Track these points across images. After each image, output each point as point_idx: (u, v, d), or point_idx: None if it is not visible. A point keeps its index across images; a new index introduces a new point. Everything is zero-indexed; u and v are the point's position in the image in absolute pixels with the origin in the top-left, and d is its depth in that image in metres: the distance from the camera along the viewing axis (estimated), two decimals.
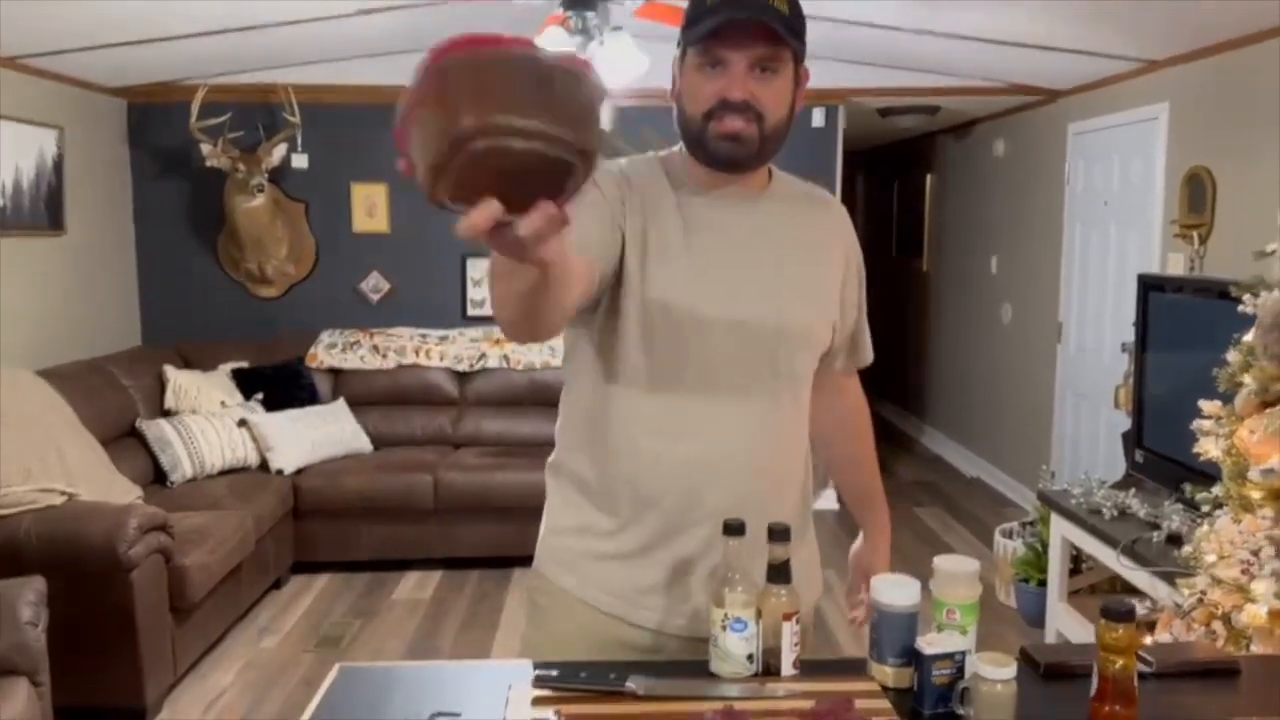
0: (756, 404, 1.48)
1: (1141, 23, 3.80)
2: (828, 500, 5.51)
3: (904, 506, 5.49)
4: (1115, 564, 3.09)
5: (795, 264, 1.51)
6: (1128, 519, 3.31)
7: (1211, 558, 1.98)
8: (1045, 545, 3.81)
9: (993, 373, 6.17)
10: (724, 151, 1.40)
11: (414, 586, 4.49)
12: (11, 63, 4.13)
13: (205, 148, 4.89)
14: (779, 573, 1.35)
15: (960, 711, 1.25)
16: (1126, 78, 4.53)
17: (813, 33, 1.44)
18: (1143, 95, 4.43)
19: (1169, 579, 2.56)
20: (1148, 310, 3.57)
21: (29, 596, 2.51)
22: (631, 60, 3.35)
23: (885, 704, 1.27)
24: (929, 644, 1.29)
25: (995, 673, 1.23)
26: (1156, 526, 3.12)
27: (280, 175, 5.20)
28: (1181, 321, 3.42)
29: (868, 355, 1.71)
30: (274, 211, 5.14)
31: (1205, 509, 2.17)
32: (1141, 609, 2.43)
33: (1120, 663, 1.27)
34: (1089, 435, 4.92)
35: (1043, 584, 3.81)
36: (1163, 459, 3.39)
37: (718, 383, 1.46)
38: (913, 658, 1.31)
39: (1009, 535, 4.18)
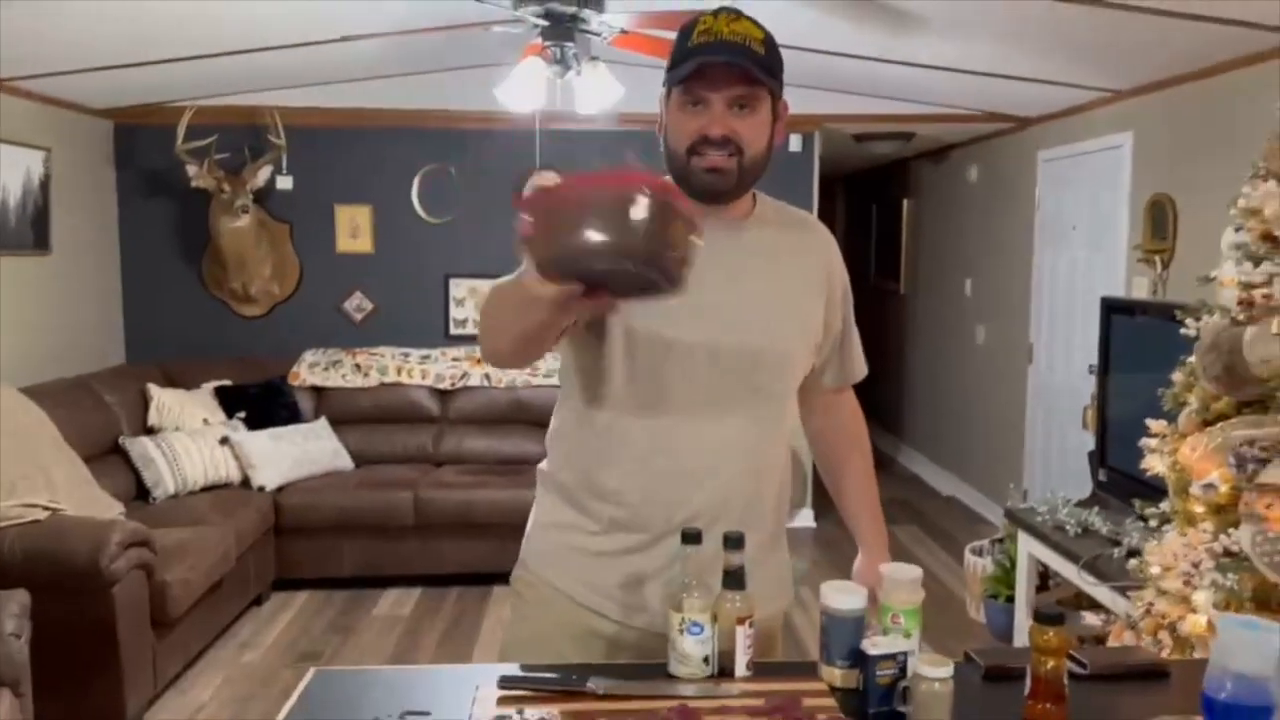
0: (736, 422, 1.56)
1: (1106, 54, 3.92)
2: (804, 519, 5.60)
3: None
4: (1077, 579, 3.18)
5: (777, 288, 1.59)
6: (1091, 536, 3.40)
7: (1157, 570, 2.07)
8: (1013, 562, 3.89)
9: (967, 393, 6.28)
10: (706, 183, 1.50)
11: (393, 604, 4.53)
12: (0, 84, 4.20)
13: (191, 169, 4.96)
14: (734, 579, 1.43)
15: (901, 709, 1.33)
16: (1093, 107, 4.66)
17: (790, 61, 1.54)
18: (1108, 124, 4.56)
19: (1127, 593, 2.64)
20: (1110, 332, 3.68)
21: (12, 609, 2.56)
22: (608, 89, 3.45)
23: (832, 703, 1.35)
24: (874, 646, 1.36)
25: (934, 672, 1.30)
26: (1117, 543, 3.21)
27: (265, 196, 5.28)
28: (1142, 343, 3.52)
29: (858, 371, 1.77)
30: (258, 232, 5.21)
31: (1154, 524, 2.26)
32: (1097, 620, 2.52)
33: (1051, 663, 1.34)
34: (1059, 455, 5.02)
35: (1011, 600, 3.89)
36: (1125, 477, 3.47)
37: (698, 402, 1.54)
38: (859, 659, 1.38)
39: (979, 553, 4.26)
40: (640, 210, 1.13)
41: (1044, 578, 3.80)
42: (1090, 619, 2.54)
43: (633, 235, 1.12)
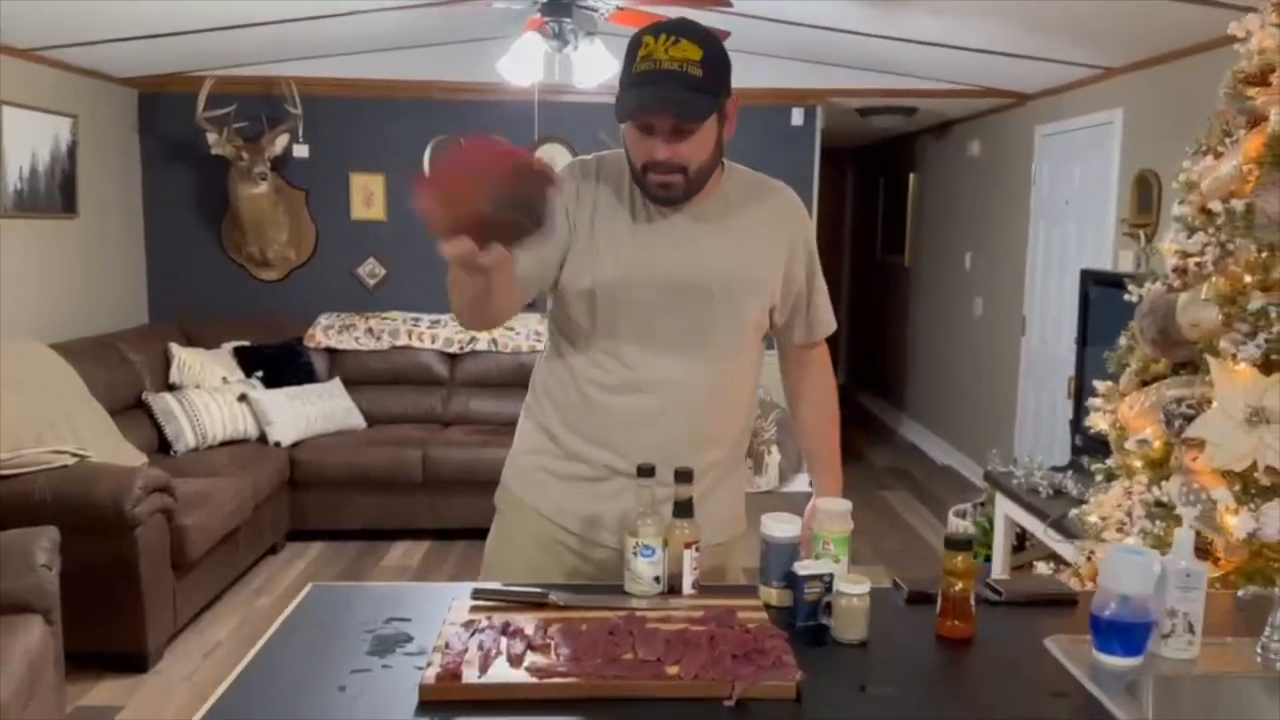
0: (689, 366, 1.74)
1: (1098, 32, 4.03)
2: (800, 484, 5.76)
3: (873, 489, 5.74)
4: (1044, 537, 3.34)
5: (733, 250, 1.75)
6: (1063, 497, 3.56)
7: (1096, 520, 2.23)
8: (992, 523, 4.05)
9: (964, 364, 6.41)
10: (660, 196, 1.69)
11: (402, 555, 4.75)
12: (30, 54, 4.39)
13: (211, 137, 5.15)
14: (683, 509, 1.60)
15: (825, 621, 1.50)
16: (1086, 84, 4.76)
17: (791, 37, 1.69)
18: (1100, 101, 4.66)
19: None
20: (1089, 303, 3.81)
21: (44, 543, 2.76)
22: (604, 63, 3.60)
23: (763, 615, 1.52)
24: (804, 567, 1.54)
25: (852, 589, 1.48)
26: (1085, 503, 3.36)
27: (282, 164, 5.46)
28: (1119, 314, 3.64)
29: (825, 328, 1.92)
30: (276, 199, 5.40)
31: (1101, 479, 2.42)
32: (1048, 569, 2.67)
33: (959, 585, 1.52)
34: (1048, 423, 5.16)
35: (989, 559, 4.05)
36: (1099, 442, 3.62)
37: (654, 347, 1.72)
38: (791, 580, 1.55)
39: (962, 515, 4.42)
40: (505, 172, 1.38)
41: (1020, 538, 3.97)
42: (1041, 568, 2.70)
43: (504, 188, 1.37)
